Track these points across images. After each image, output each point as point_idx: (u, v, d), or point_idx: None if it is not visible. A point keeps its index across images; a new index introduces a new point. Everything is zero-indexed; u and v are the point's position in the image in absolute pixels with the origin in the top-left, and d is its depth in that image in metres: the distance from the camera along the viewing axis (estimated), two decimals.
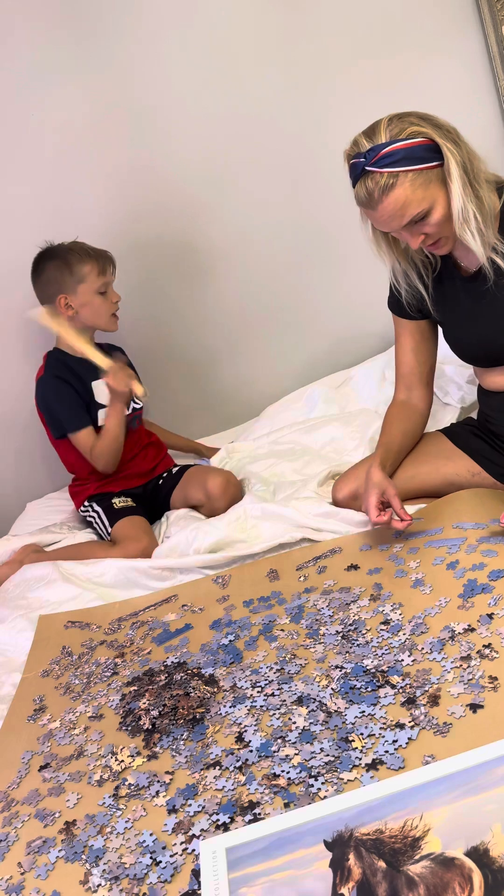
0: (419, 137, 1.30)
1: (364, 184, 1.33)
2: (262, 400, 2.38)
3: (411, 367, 1.64)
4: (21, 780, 1.20)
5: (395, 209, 1.32)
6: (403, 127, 1.30)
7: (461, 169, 1.30)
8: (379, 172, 1.30)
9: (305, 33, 2.16)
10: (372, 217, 1.38)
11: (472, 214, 1.32)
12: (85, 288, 1.93)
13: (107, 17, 2.04)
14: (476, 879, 0.78)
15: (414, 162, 1.29)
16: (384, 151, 1.29)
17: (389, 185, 1.30)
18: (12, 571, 1.86)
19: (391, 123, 1.32)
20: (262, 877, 0.85)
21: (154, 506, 2.04)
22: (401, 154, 1.29)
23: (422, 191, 1.31)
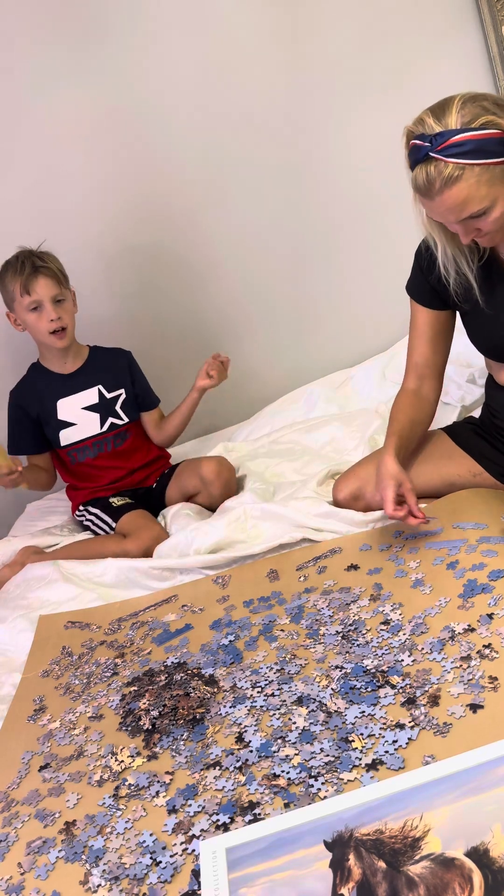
0: (493, 129, 1.18)
1: (425, 170, 1.21)
2: (261, 399, 2.38)
3: (426, 358, 1.59)
4: (21, 781, 1.20)
5: (455, 203, 1.22)
6: (477, 113, 1.18)
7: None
8: (444, 162, 1.19)
9: (305, 34, 2.16)
10: (427, 206, 1.28)
11: None
12: (18, 307, 1.91)
13: (106, 19, 2.04)
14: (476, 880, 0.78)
15: (484, 156, 1.18)
16: (454, 140, 1.18)
17: (454, 177, 1.19)
18: (13, 573, 1.85)
19: (464, 106, 1.19)
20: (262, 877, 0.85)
21: (149, 506, 2.04)
22: (471, 145, 1.17)
23: (486, 187, 1.21)
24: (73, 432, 2.00)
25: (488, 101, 1.20)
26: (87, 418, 2.01)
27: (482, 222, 1.26)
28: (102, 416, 2.02)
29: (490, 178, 1.20)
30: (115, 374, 2.05)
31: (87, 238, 2.15)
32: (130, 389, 2.07)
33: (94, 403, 2.01)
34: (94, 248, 2.17)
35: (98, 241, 2.18)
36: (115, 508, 1.96)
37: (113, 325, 2.16)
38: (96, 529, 2.00)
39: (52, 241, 1.98)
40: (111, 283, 2.22)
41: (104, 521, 1.97)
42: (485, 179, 1.20)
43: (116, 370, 2.06)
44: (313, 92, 2.20)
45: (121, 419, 2.03)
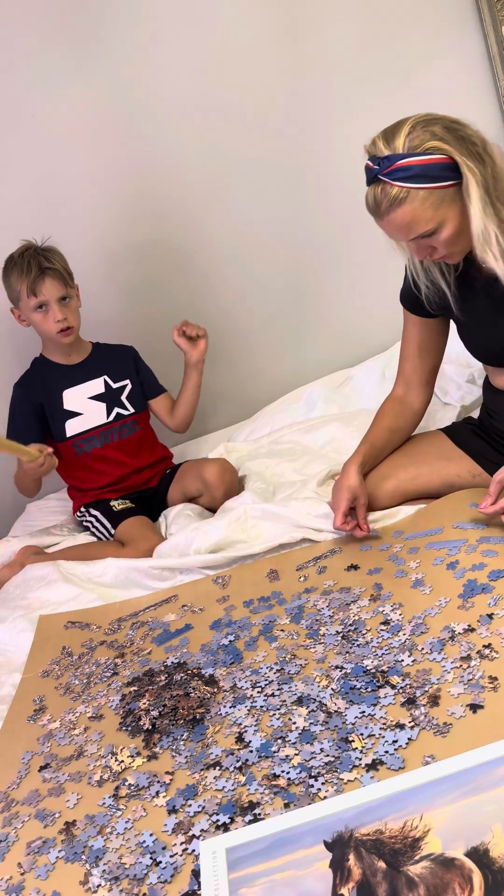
0: (438, 154, 1.23)
1: (374, 191, 1.28)
2: (261, 399, 2.38)
3: (414, 365, 1.63)
4: (21, 781, 1.20)
5: (402, 224, 1.27)
6: (424, 139, 1.23)
7: (482, 189, 1.24)
8: (390, 184, 1.24)
9: (305, 34, 2.16)
10: (379, 225, 1.33)
11: (495, 236, 1.26)
12: (23, 305, 1.92)
13: (105, 19, 2.04)
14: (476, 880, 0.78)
15: (428, 180, 1.23)
16: (399, 164, 1.23)
17: (399, 199, 1.25)
18: (13, 573, 1.85)
19: (413, 131, 1.24)
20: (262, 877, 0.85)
21: (151, 506, 2.04)
22: (415, 170, 1.22)
23: (432, 210, 1.25)
24: (79, 422, 2.00)
25: (439, 126, 1.25)
26: (94, 408, 2.01)
27: (434, 241, 1.30)
28: (109, 405, 2.02)
29: (435, 200, 1.25)
30: (120, 366, 2.06)
31: (87, 237, 2.16)
32: (136, 380, 2.08)
33: (100, 393, 2.02)
34: (95, 247, 2.18)
35: (99, 241, 2.18)
36: (116, 513, 1.96)
37: (113, 325, 2.16)
38: (95, 532, 2.00)
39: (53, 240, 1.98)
40: (111, 282, 2.22)
41: (103, 526, 1.97)
42: (430, 202, 1.25)
43: (122, 362, 2.07)
44: (313, 92, 2.20)
45: (127, 409, 2.04)
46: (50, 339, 1.97)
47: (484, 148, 1.26)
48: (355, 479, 1.54)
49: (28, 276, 1.87)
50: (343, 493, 1.53)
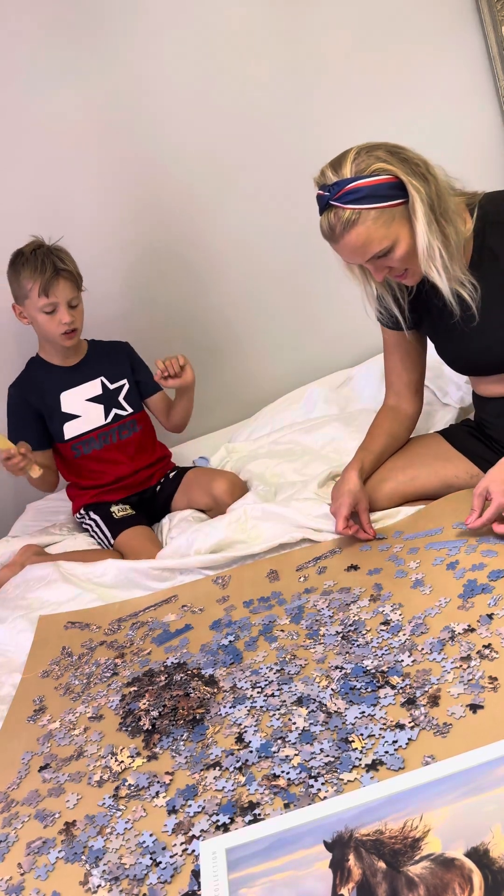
0: (384, 175, 1.29)
1: (327, 217, 1.33)
2: (261, 399, 2.38)
3: (399, 376, 1.65)
4: (21, 781, 1.20)
5: (357, 245, 1.32)
6: (369, 163, 1.29)
7: (427, 206, 1.29)
8: (342, 208, 1.30)
9: (305, 34, 2.16)
10: (335, 249, 1.38)
11: (438, 252, 1.31)
12: (30, 304, 1.88)
13: (106, 17, 2.04)
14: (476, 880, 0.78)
15: (377, 200, 1.29)
16: (348, 188, 1.28)
17: (352, 221, 1.30)
18: (13, 573, 1.85)
19: (358, 157, 1.30)
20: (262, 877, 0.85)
21: (153, 510, 2.04)
22: (364, 191, 1.28)
23: (384, 228, 1.31)
24: (77, 424, 1.99)
25: (382, 150, 1.31)
26: (92, 410, 2.01)
27: (390, 260, 1.35)
28: (107, 407, 2.02)
29: (387, 219, 1.30)
30: (116, 365, 2.05)
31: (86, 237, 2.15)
32: (132, 379, 2.07)
33: (97, 395, 2.02)
34: (95, 247, 2.17)
35: (98, 241, 2.18)
36: (116, 521, 1.95)
37: (113, 325, 2.16)
38: (94, 536, 1.99)
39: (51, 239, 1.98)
40: (110, 282, 2.22)
41: (102, 532, 1.96)
42: (381, 221, 1.30)
43: (117, 361, 2.06)
44: (314, 92, 2.20)
45: (124, 410, 2.04)
46: (51, 341, 1.96)
47: (427, 168, 1.32)
48: (356, 484, 1.55)
49: (42, 276, 1.84)
50: (344, 497, 1.54)
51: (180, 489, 2.02)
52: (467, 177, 1.46)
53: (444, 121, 2.27)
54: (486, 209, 1.39)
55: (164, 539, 1.91)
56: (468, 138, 2.31)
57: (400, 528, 1.54)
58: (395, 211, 1.30)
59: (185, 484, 2.03)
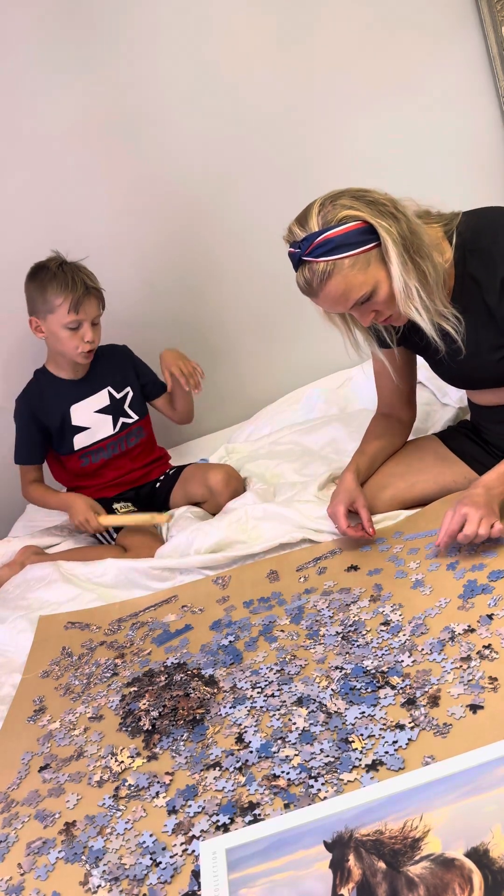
0: (352, 221, 1.26)
1: (303, 273, 1.30)
2: (261, 400, 2.38)
3: (391, 390, 1.64)
4: (21, 781, 1.20)
5: (337, 295, 1.30)
6: (336, 212, 1.27)
7: (400, 247, 1.26)
8: (315, 262, 1.27)
9: (304, 35, 2.16)
10: (316, 303, 1.36)
11: (416, 291, 1.28)
12: (53, 319, 1.87)
13: (106, 20, 2.04)
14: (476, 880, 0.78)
15: (350, 248, 1.26)
16: (318, 241, 1.26)
17: (328, 273, 1.27)
18: (13, 573, 1.86)
19: (323, 209, 1.28)
20: (262, 878, 0.85)
21: (153, 507, 2.04)
22: (335, 241, 1.26)
23: (362, 274, 1.28)
24: (87, 436, 2.00)
25: (346, 198, 1.28)
26: (101, 421, 2.01)
27: (374, 304, 1.33)
28: (114, 417, 2.03)
29: (363, 264, 1.28)
30: (120, 372, 2.06)
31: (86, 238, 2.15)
32: (136, 384, 2.08)
33: (105, 406, 2.02)
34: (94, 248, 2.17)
35: (98, 241, 2.17)
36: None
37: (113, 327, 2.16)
38: (96, 533, 2.00)
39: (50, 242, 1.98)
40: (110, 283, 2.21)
41: (106, 529, 1.97)
42: (357, 267, 1.28)
43: (120, 367, 2.07)
44: (314, 93, 2.20)
45: (130, 417, 2.05)
46: (66, 356, 1.95)
47: (395, 207, 1.29)
48: (350, 482, 1.55)
49: (74, 293, 1.83)
50: (340, 495, 1.54)
51: (178, 483, 2.04)
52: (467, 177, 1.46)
53: (444, 121, 2.27)
54: (463, 236, 1.36)
55: (164, 536, 1.91)
56: (468, 138, 2.31)
57: (400, 529, 1.54)
58: (370, 255, 1.28)
59: (182, 478, 2.04)
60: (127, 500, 2.03)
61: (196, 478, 1.99)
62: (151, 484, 2.08)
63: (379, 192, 1.31)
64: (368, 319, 1.37)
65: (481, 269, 1.35)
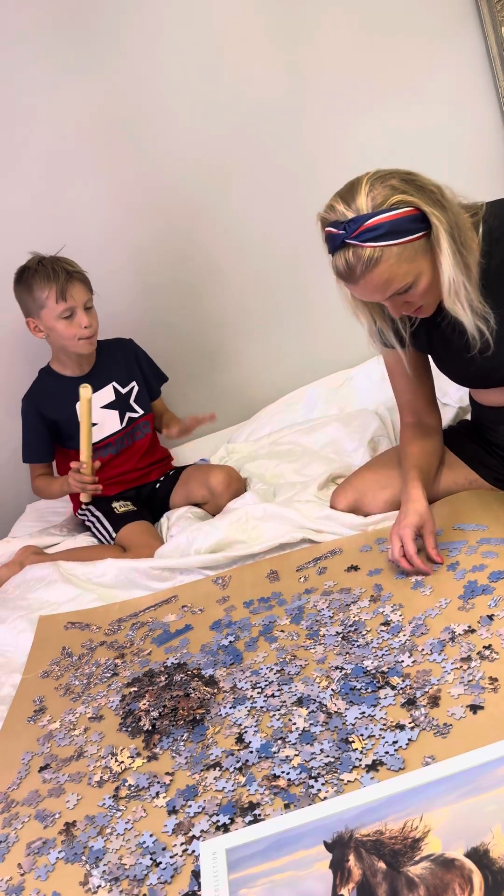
0: (404, 207, 1.19)
1: (344, 257, 1.22)
2: (261, 400, 2.38)
3: (414, 394, 1.57)
4: (21, 781, 1.20)
5: (379, 284, 1.23)
6: (387, 195, 1.19)
7: (450, 238, 1.20)
8: (362, 247, 1.19)
9: (304, 35, 2.16)
10: (351, 289, 1.29)
11: (463, 286, 1.24)
12: (47, 313, 1.87)
13: (106, 20, 2.04)
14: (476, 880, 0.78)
15: (400, 235, 1.19)
16: (367, 224, 1.18)
17: (374, 260, 1.20)
18: (12, 573, 1.85)
19: (373, 189, 1.20)
20: (262, 878, 0.85)
21: (153, 508, 2.04)
22: (385, 227, 1.18)
23: (407, 264, 1.22)
24: (94, 432, 1.98)
25: (396, 179, 1.20)
26: (108, 416, 2.01)
27: (410, 296, 1.27)
28: (121, 411, 2.03)
29: (409, 255, 1.21)
30: (124, 367, 2.06)
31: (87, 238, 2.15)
32: (141, 378, 2.08)
33: (111, 401, 2.02)
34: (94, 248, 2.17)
35: (98, 241, 2.18)
36: (118, 516, 1.96)
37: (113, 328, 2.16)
38: (96, 532, 1.99)
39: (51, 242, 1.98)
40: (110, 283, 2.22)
41: (104, 528, 1.96)
42: (405, 257, 1.21)
43: (125, 362, 2.07)
44: (314, 93, 2.20)
45: (136, 412, 2.05)
46: (69, 349, 1.94)
47: (442, 194, 1.23)
48: (423, 505, 1.38)
49: (56, 281, 1.84)
50: (409, 517, 1.36)
51: (179, 483, 2.04)
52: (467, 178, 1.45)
53: (444, 121, 2.27)
54: (490, 225, 1.31)
55: (164, 537, 1.91)
56: (468, 139, 2.31)
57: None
58: (418, 244, 1.21)
59: (183, 478, 2.04)
60: (127, 499, 2.02)
61: (197, 479, 1.98)
62: (152, 485, 2.08)
63: (426, 177, 1.24)
64: (400, 311, 1.32)
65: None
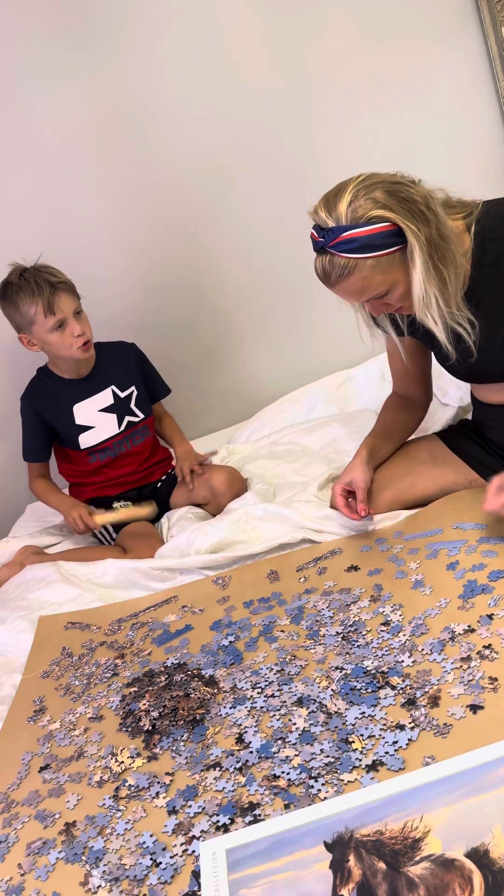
0: (382, 223, 1.22)
1: (322, 262, 1.28)
2: (261, 400, 2.38)
3: (408, 374, 1.62)
4: (21, 782, 1.20)
5: (353, 291, 1.30)
6: (367, 209, 1.22)
7: (425, 253, 1.23)
8: (337, 255, 1.25)
9: (304, 35, 2.16)
10: (330, 290, 1.35)
11: (434, 300, 1.27)
12: (38, 328, 1.85)
13: (106, 20, 2.04)
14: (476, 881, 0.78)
15: (374, 249, 1.23)
16: (343, 237, 1.23)
17: (348, 269, 1.26)
18: (12, 573, 1.86)
19: (355, 200, 1.23)
20: (262, 878, 0.85)
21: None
22: (361, 241, 1.22)
23: (381, 275, 1.26)
24: (92, 435, 1.99)
25: (380, 191, 1.23)
26: (105, 420, 2.00)
27: (387, 300, 1.32)
28: (119, 416, 2.01)
29: (383, 266, 1.25)
30: (124, 371, 2.04)
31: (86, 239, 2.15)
32: (141, 382, 2.07)
33: (109, 405, 2.01)
34: (94, 249, 2.18)
35: (98, 242, 2.18)
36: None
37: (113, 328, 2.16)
38: (96, 532, 1.99)
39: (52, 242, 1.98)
40: (110, 284, 2.22)
41: (105, 528, 1.97)
42: (378, 269, 1.25)
43: (125, 366, 2.05)
44: (314, 93, 2.20)
45: (136, 416, 2.04)
46: (66, 358, 1.93)
47: (427, 205, 1.25)
48: (355, 464, 1.55)
49: (41, 296, 1.81)
50: (343, 477, 1.55)
51: (180, 483, 2.03)
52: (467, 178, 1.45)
53: (444, 122, 2.27)
54: (482, 224, 1.33)
55: (164, 537, 1.91)
56: (468, 139, 2.31)
57: (400, 529, 1.54)
58: (394, 257, 1.25)
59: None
60: (128, 500, 2.02)
61: (198, 480, 1.98)
62: (153, 485, 2.08)
63: (414, 183, 1.27)
64: (379, 311, 1.38)
65: (501, 257, 1.32)
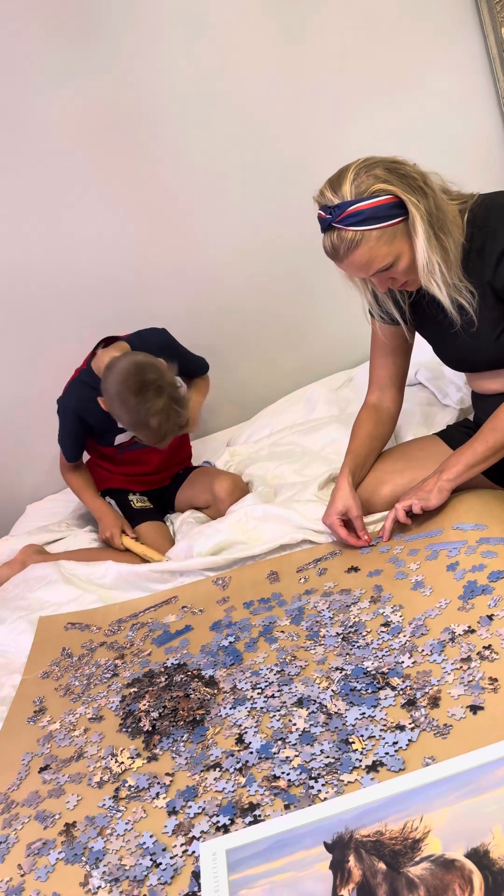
0: (384, 195, 1.30)
1: (330, 238, 1.35)
2: (262, 401, 2.38)
3: (388, 370, 1.67)
4: (21, 782, 1.20)
5: (361, 264, 1.35)
6: (369, 184, 1.31)
7: (426, 223, 1.31)
8: (344, 230, 1.32)
9: (305, 36, 2.16)
10: (339, 267, 1.41)
11: (437, 266, 1.34)
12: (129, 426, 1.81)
13: (107, 21, 2.04)
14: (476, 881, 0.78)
15: (379, 220, 1.31)
16: (349, 211, 1.30)
17: (355, 242, 1.32)
18: (13, 572, 1.86)
19: (357, 177, 1.31)
20: (262, 878, 0.85)
21: (161, 502, 2.05)
22: (366, 213, 1.30)
23: (387, 246, 1.33)
24: (127, 434, 1.98)
25: (380, 168, 1.32)
26: None
27: (393, 272, 1.39)
28: None
29: (389, 237, 1.33)
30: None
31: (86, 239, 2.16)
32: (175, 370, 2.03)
33: None
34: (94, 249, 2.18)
35: (98, 242, 2.18)
36: (134, 510, 1.97)
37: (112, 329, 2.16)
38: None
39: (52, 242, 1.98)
40: (109, 284, 2.22)
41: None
42: (384, 240, 1.33)
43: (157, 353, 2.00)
44: (314, 94, 2.20)
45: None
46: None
47: (424, 181, 1.34)
48: (345, 490, 1.57)
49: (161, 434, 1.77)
50: (335, 504, 1.56)
51: (185, 484, 2.04)
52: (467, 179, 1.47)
53: (444, 122, 2.27)
54: (474, 213, 1.41)
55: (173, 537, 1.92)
56: (468, 140, 2.31)
57: (400, 530, 1.54)
58: (397, 228, 1.32)
59: (190, 479, 2.05)
60: (143, 494, 2.03)
61: (202, 483, 1.99)
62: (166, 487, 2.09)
63: (410, 163, 1.35)
64: (386, 286, 1.43)
65: (486, 244, 1.39)
